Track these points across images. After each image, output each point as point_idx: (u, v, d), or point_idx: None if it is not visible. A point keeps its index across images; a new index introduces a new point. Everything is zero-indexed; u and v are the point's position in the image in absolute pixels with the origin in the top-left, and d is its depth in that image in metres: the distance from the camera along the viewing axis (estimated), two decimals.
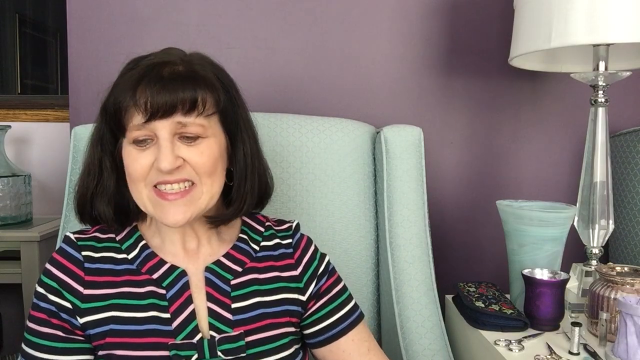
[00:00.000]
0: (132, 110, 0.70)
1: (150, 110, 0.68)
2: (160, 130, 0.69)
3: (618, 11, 1.01)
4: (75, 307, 0.72)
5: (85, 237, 0.78)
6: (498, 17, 1.42)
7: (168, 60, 0.72)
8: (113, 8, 1.36)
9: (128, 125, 0.71)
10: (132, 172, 0.71)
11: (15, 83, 2.90)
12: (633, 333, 0.82)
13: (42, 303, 0.73)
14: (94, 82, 1.35)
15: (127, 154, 0.72)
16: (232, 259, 0.79)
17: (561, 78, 1.44)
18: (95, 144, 0.77)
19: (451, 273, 1.44)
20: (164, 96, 0.68)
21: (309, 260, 0.84)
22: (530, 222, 1.08)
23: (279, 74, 1.40)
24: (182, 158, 0.70)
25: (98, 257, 0.76)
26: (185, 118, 0.70)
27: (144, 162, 0.70)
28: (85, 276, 0.74)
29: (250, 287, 0.77)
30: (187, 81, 0.71)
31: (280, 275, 0.80)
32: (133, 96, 0.69)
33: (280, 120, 1.15)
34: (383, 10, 1.40)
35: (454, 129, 1.45)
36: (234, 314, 0.75)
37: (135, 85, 0.70)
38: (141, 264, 0.76)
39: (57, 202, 1.91)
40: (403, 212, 1.11)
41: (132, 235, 0.79)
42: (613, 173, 1.34)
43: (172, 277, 0.75)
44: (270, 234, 0.84)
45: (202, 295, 0.75)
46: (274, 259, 0.82)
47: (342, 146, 1.15)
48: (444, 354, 1.00)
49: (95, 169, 0.77)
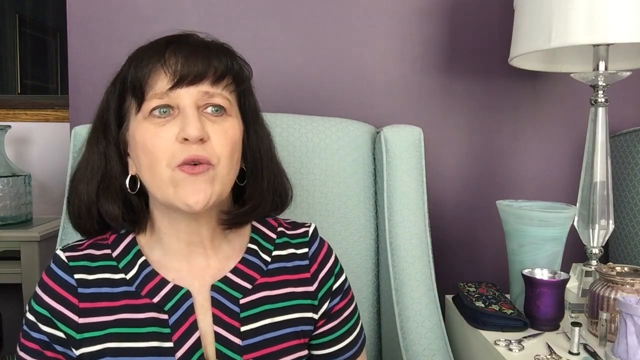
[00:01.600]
0: (158, 75, 0.65)
1: (179, 74, 0.64)
2: (184, 99, 0.64)
3: (618, 11, 1.00)
4: (69, 337, 0.66)
5: (78, 256, 0.70)
6: (498, 17, 1.42)
7: (192, 33, 0.69)
8: (113, 8, 1.36)
9: (148, 93, 0.65)
10: (153, 149, 0.64)
11: (15, 83, 2.90)
12: (633, 333, 0.82)
13: (33, 333, 0.67)
14: (94, 82, 1.35)
15: (143, 131, 0.65)
16: (241, 275, 0.72)
17: (561, 78, 1.44)
18: (97, 136, 0.71)
19: (451, 273, 1.44)
20: (195, 60, 0.64)
21: (326, 275, 0.77)
22: (530, 222, 1.08)
23: (279, 74, 1.40)
24: (206, 133, 0.64)
25: (92, 279, 0.68)
26: (212, 88, 0.66)
27: (166, 137, 0.63)
28: (79, 303, 0.67)
29: (261, 306, 0.71)
30: (219, 49, 0.68)
31: (294, 292, 0.73)
32: (161, 58, 0.64)
33: (280, 120, 1.15)
34: (383, 10, 1.40)
35: (454, 129, 1.44)
36: (243, 338, 0.68)
37: (164, 48, 0.65)
38: (140, 285, 0.68)
39: (57, 202, 1.91)
40: (403, 212, 1.11)
41: (130, 251, 0.71)
42: (613, 173, 1.34)
43: (175, 300, 0.68)
44: (284, 242, 0.77)
45: (208, 318, 0.68)
46: (288, 271, 0.74)
47: (342, 146, 1.15)
48: (444, 354, 1.00)
49: (101, 162, 0.70)
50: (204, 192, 0.64)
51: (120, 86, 0.68)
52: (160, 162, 0.64)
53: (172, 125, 0.64)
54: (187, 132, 0.62)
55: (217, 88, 0.66)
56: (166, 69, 0.64)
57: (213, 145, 0.65)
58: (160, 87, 0.64)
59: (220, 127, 0.66)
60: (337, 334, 0.78)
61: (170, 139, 0.64)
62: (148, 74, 0.65)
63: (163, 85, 0.64)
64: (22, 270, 1.62)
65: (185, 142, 0.63)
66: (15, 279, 1.63)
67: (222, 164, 0.65)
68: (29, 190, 1.79)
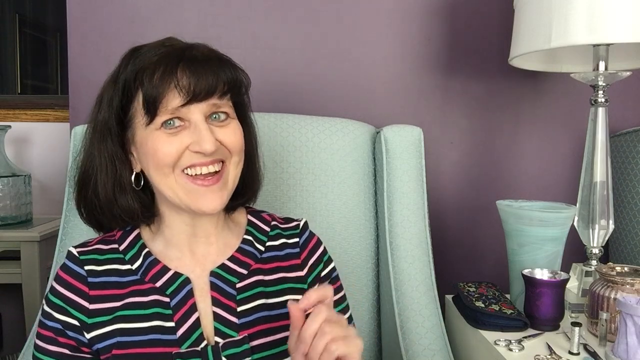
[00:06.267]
0: (171, 93, 0.68)
1: (192, 93, 0.68)
2: (194, 113, 0.69)
3: (618, 11, 1.00)
4: (82, 323, 0.72)
5: (88, 250, 0.76)
6: (498, 17, 1.42)
7: (192, 44, 0.73)
8: (113, 8, 1.36)
9: (161, 110, 0.68)
10: (163, 156, 0.69)
11: (15, 83, 2.91)
12: (633, 333, 0.82)
13: (49, 322, 0.72)
14: (94, 82, 1.34)
15: (154, 139, 0.69)
16: (237, 262, 0.78)
17: (561, 78, 1.44)
18: (102, 136, 0.73)
19: (451, 273, 1.44)
20: (206, 77, 0.68)
21: (315, 262, 0.83)
22: (530, 222, 1.08)
23: (279, 74, 1.40)
24: (218, 140, 0.70)
25: (101, 270, 0.75)
26: (219, 100, 0.71)
27: (178, 146, 0.69)
28: (89, 291, 0.73)
29: (255, 288, 0.76)
30: (224, 63, 0.72)
31: (286, 276, 0.79)
32: (173, 77, 0.68)
33: (280, 120, 1.15)
34: (383, 10, 1.40)
35: (454, 129, 1.44)
36: (240, 317, 0.74)
37: (175, 64, 0.68)
38: (145, 272, 0.74)
39: (57, 202, 1.90)
40: (403, 212, 1.11)
41: (135, 244, 0.77)
42: (613, 173, 1.34)
43: (176, 285, 0.74)
44: (276, 233, 0.83)
45: (208, 300, 0.74)
46: (280, 259, 0.81)
47: (342, 146, 1.15)
48: (444, 354, 1.00)
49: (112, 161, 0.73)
50: (220, 199, 0.71)
51: (125, 91, 0.71)
52: (166, 169, 0.70)
53: (184, 136, 0.69)
54: (202, 147, 0.68)
55: (223, 99, 0.72)
56: (179, 89, 0.68)
57: (226, 145, 0.71)
58: (172, 104, 0.68)
59: (229, 129, 0.72)
60: None
61: (182, 147, 0.69)
62: (162, 93, 0.68)
63: (176, 102, 0.68)
64: (22, 270, 1.62)
65: (199, 153, 0.69)
66: (15, 279, 1.63)
67: (233, 160, 0.73)
68: (29, 190, 1.79)
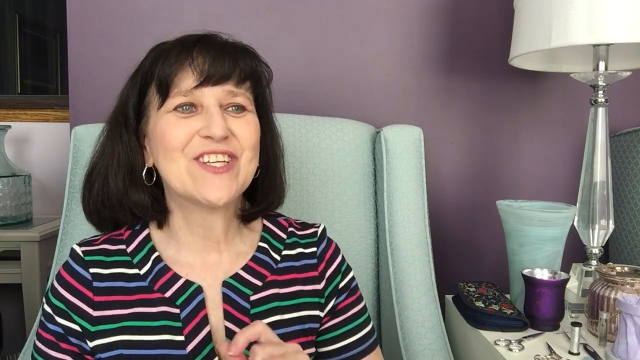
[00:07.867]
0: (185, 73, 0.66)
1: (206, 73, 0.65)
2: (208, 98, 0.66)
3: (618, 11, 1.00)
4: (84, 330, 0.68)
5: (93, 251, 0.72)
6: (498, 17, 1.42)
7: (217, 33, 0.72)
8: (113, 8, 1.36)
9: (173, 90, 0.67)
10: (171, 138, 0.66)
11: (15, 83, 2.90)
12: (633, 333, 0.82)
13: (49, 324, 0.69)
14: (94, 82, 1.35)
15: (164, 122, 0.67)
16: (252, 272, 0.73)
17: (561, 78, 1.44)
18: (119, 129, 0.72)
19: (451, 273, 1.44)
20: (223, 61, 0.67)
21: (333, 273, 0.78)
22: (530, 222, 1.08)
23: (279, 74, 1.38)
24: (229, 129, 0.67)
25: (107, 273, 0.70)
26: (236, 88, 0.68)
27: (187, 130, 0.66)
28: (94, 297, 0.68)
29: (270, 303, 0.72)
30: (245, 51, 0.71)
31: (302, 290, 0.75)
32: (189, 56, 0.66)
33: (280, 120, 1.14)
34: (383, 10, 1.40)
35: (454, 129, 1.44)
36: None
37: (192, 46, 0.67)
38: (153, 280, 0.70)
39: (57, 202, 1.91)
40: (403, 212, 1.11)
41: (144, 247, 0.72)
42: (613, 173, 1.34)
43: (187, 295, 0.69)
44: (293, 242, 0.79)
45: (219, 313, 0.70)
46: (296, 270, 0.76)
47: (342, 146, 1.15)
48: (444, 354, 1.00)
49: (126, 154, 0.71)
50: (227, 189, 0.67)
51: (142, 81, 0.70)
52: (177, 150, 0.66)
53: (195, 120, 0.67)
54: (212, 130, 0.65)
55: (240, 88, 0.69)
56: (193, 68, 0.66)
57: (238, 137, 0.68)
58: (185, 85, 0.66)
59: (243, 120, 0.69)
60: (341, 330, 0.78)
61: (191, 131, 0.66)
62: (175, 71, 0.66)
63: (189, 83, 0.66)
64: (22, 270, 1.62)
65: (208, 139, 0.66)
66: (15, 279, 1.63)
67: (245, 156, 0.69)
68: (29, 190, 1.79)
